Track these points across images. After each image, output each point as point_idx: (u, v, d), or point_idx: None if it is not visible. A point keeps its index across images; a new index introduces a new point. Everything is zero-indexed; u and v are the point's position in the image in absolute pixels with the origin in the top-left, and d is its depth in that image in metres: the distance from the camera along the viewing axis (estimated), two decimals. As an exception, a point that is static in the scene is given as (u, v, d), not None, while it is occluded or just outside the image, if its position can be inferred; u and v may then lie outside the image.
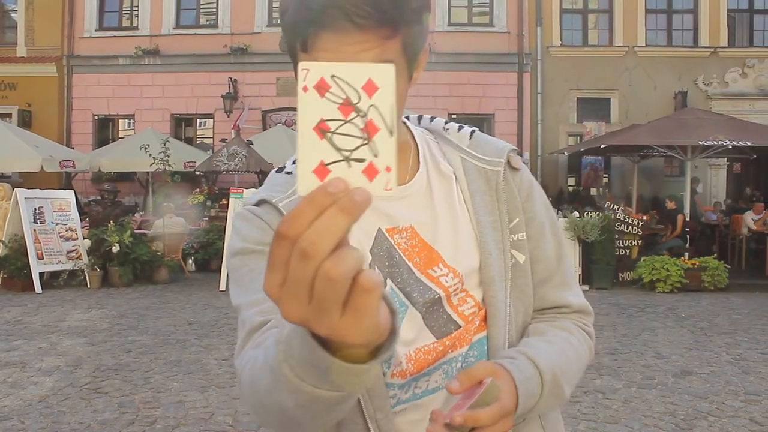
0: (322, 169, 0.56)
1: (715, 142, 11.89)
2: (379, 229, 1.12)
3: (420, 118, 1.30)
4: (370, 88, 0.57)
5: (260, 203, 1.14)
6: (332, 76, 0.57)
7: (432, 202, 1.16)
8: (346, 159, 0.56)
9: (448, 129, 1.24)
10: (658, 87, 17.18)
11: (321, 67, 0.57)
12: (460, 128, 1.25)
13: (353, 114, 0.57)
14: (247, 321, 1.03)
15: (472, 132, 1.24)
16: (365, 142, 0.57)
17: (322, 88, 0.57)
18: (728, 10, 17.63)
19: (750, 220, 13.94)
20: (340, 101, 0.57)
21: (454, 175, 1.19)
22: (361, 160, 0.56)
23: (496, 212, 1.16)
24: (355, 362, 0.66)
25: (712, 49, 17.37)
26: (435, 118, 1.28)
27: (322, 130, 0.56)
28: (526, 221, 1.18)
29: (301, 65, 0.57)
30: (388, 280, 1.11)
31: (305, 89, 0.57)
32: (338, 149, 0.56)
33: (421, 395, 1.11)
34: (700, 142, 12.02)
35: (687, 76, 17.16)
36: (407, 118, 1.29)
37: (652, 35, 17.81)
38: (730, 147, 12.18)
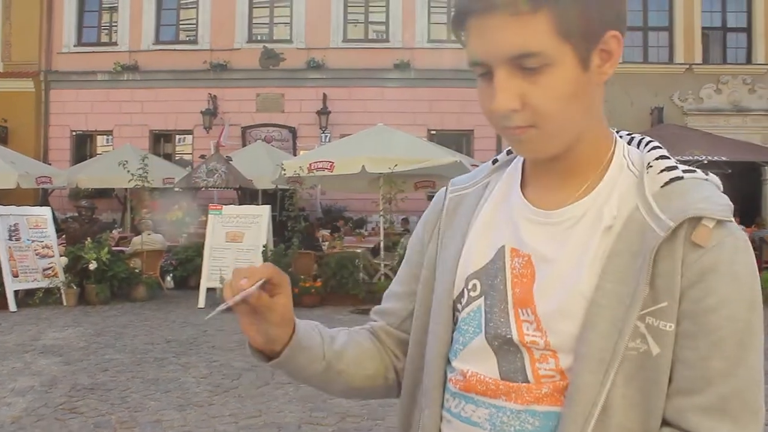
0: None
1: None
2: (503, 246, 1.05)
3: (646, 143, 1.06)
4: None
5: (449, 184, 1.22)
6: None
7: (567, 242, 0.99)
8: None
9: (651, 166, 0.99)
10: (635, 103, 17.38)
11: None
12: (666, 169, 0.98)
13: None
14: None
15: (677, 178, 0.97)
16: None
17: None
18: (702, 28, 17.91)
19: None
20: None
21: (610, 225, 0.96)
22: None
23: (633, 283, 0.92)
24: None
25: (687, 66, 17.62)
26: (656, 148, 1.03)
27: None
28: (685, 312, 0.91)
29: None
30: (482, 299, 1.05)
31: None
32: None
33: (465, 420, 1.04)
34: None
35: (663, 92, 17.38)
36: (629, 140, 1.09)
37: (629, 52, 18.02)
38: (706, 162, 12.34)
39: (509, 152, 1.14)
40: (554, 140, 0.97)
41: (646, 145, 1.05)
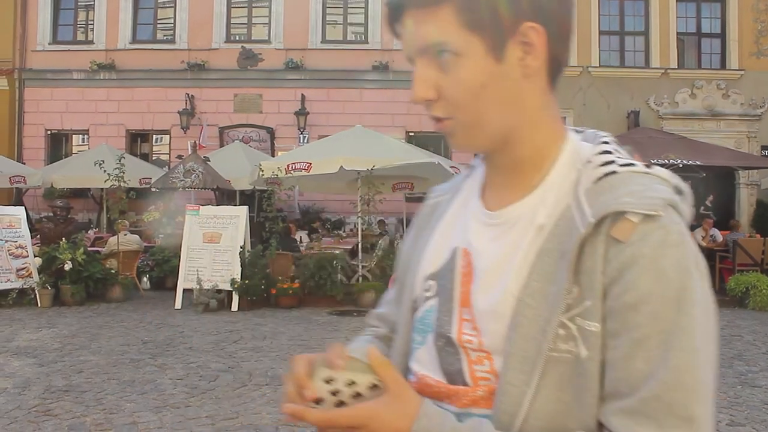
0: None
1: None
2: (457, 247, 1.05)
3: (600, 140, 1.01)
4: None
5: (430, 192, 1.23)
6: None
7: (504, 242, 0.98)
8: None
9: (590, 162, 0.96)
10: (612, 106, 17.57)
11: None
12: (603, 164, 0.94)
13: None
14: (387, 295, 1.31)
15: (611, 172, 0.93)
16: None
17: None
18: (677, 33, 18.15)
19: (699, 237, 14.29)
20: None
21: (543, 224, 0.95)
22: None
23: (560, 282, 0.89)
24: None
25: (663, 70, 17.84)
26: (603, 142, 1.00)
27: None
28: (609, 310, 0.87)
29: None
30: (435, 299, 1.06)
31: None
32: None
33: None
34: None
35: (639, 96, 17.59)
36: (578, 132, 1.06)
37: (606, 56, 18.22)
38: (681, 166, 12.50)
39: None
40: (476, 132, 0.97)
41: (598, 141, 1.01)
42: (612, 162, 0.94)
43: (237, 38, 18.82)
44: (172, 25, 18.97)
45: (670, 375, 0.83)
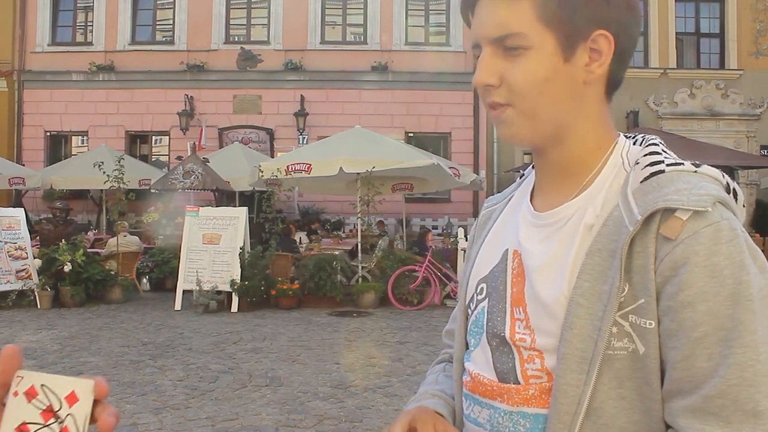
0: None
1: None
2: (507, 249, 1.07)
3: (648, 142, 1.03)
4: (72, 399, 0.66)
5: (485, 201, 1.26)
6: (42, 385, 0.66)
7: (554, 242, 0.99)
8: None
9: (638, 163, 0.97)
10: (611, 106, 17.52)
11: (33, 376, 0.67)
12: (650, 164, 0.95)
13: (52, 420, 0.66)
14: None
15: (658, 171, 0.93)
16: None
17: (30, 394, 0.66)
18: (676, 33, 18.17)
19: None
20: (43, 407, 0.66)
21: (591, 224, 0.96)
22: None
23: (611, 281, 0.90)
24: None
25: (662, 71, 17.85)
26: (652, 144, 1.01)
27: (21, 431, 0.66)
28: (663, 309, 0.87)
29: (17, 373, 0.67)
30: (486, 300, 1.08)
31: (15, 394, 0.66)
32: None
33: (473, 421, 1.07)
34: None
35: (638, 96, 17.59)
36: (627, 136, 1.07)
37: (604, 56, 18.24)
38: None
39: (533, 166, 1.15)
40: (529, 123, 0.98)
41: (647, 143, 1.02)
42: (660, 162, 0.95)
43: (236, 39, 18.82)
44: (171, 26, 18.98)
45: (733, 371, 0.82)
